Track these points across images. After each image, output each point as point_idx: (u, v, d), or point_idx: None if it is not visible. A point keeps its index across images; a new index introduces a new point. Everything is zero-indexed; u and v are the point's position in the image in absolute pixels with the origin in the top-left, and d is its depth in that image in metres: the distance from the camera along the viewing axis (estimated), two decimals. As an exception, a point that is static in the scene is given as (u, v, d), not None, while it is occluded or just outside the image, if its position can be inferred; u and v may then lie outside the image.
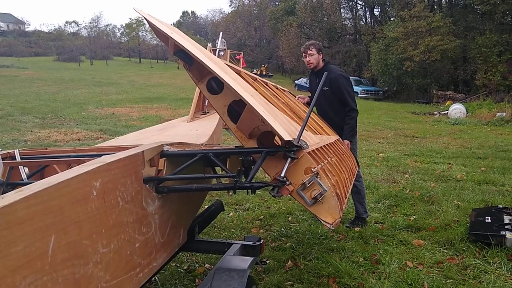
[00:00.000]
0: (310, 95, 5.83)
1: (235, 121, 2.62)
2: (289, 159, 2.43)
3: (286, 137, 2.33)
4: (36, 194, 1.57)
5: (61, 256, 1.66)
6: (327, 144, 3.45)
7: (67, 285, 1.68)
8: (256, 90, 3.44)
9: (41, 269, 1.56)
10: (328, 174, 2.66)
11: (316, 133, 3.94)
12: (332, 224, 2.41)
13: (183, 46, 2.34)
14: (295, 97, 5.42)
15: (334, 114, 5.38)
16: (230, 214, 5.91)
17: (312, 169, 2.43)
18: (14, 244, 1.44)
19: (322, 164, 2.73)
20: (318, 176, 2.43)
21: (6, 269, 1.41)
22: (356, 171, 4.67)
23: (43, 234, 1.58)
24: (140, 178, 2.28)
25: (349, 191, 3.44)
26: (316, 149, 2.85)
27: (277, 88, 4.58)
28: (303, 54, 5.45)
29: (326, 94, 5.32)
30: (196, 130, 4.00)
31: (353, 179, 3.99)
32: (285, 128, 2.56)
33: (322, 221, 2.47)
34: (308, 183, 2.42)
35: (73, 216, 1.75)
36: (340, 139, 4.99)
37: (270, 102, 3.42)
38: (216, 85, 2.63)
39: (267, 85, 4.23)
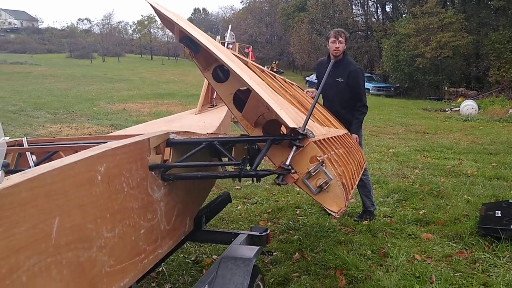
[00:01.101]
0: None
1: (241, 109, 2.62)
2: (294, 148, 2.43)
3: (291, 124, 2.33)
4: (40, 177, 1.58)
5: (65, 239, 1.68)
6: (334, 136, 3.43)
7: (70, 267, 1.70)
8: (263, 81, 3.43)
9: (45, 251, 1.57)
10: (334, 164, 2.65)
11: (324, 125, 3.93)
12: (337, 212, 2.41)
13: (189, 32, 2.35)
14: (304, 91, 5.40)
15: (341, 107, 5.32)
16: (239, 207, 5.92)
17: (318, 158, 2.43)
18: (17, 224, 1.46)
19: (329, 154, 2.72)
20: (324, 164, 2.42)
21: (9, 249, 1.43)
22: (365, 165, 4.65)
23: (47, 216, 1.59)
24: (146, 164, 2.29)
25: (356, 183, 3.42)
26: (322, 139, 2.84)
27: (285, 81, 4.56)
28: (333, 39, 5.19)
29: (339, 86, 5.25)
30: (203, 122, 4.02)
31: (361, 172, 3.96)
32: (291, 117, 2.55)
33: (327, 210, 2.46)
34: (314, 172, 2.41)
35: (77, 200, 1.76)
36: (349, 133, 4.96)
37: (277, 93, 3.41)
38: (222, 73, 2.64)
39: (274, 77, 4.22)
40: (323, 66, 5.49)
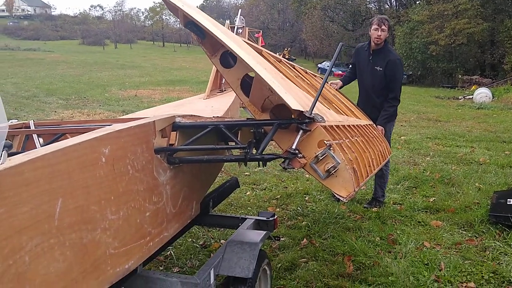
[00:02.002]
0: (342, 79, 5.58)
1: (248, 94, 2.60)
2: (301, 131, 2.40)
3: (294, 106, 2.29)
4: (43, 157, 1.58)
5: (69, 220, 1.68)
6: (352, 125, 3.37)
7: (74, 249, 1.70)
8: (279, 70, 3.40)
9: (48, 232, 1.58)
10: (345, 149, 2.60)
11: (342, 114, 3.87)
12: (346, 197, 2.37)
13: (192, 17, 2.32)
14: (328, 83, 5.32)
15: (376, 95, 5.23)
16: (247, 193, 5.92)
17: (325, 142, 2.39)
18: (20, 205, 1.46)
19: (340, 140, 2.68)
20: (332, 148, 2.38)
21: (12, 229, 1.43)
22: (389, 157, 4.57)
23: (50, 197, 1.59)
24: (151, 147, 2.28)
25: (374, 172, 3.35)
26: (334, 125, 2.80)
27: (306, 72, 4.50)
28: (375, 27, 5.07)
29: (377, 74, 5.15)
30: (211, 107, 4.00)
31: (382, 163, 3.87)
32: (302, 103, 2.52)
33: (336, 194, 2.44)
34: (321, 156, 2.38)
35: (81, 181, 1.76)
36: (374, 124, 4.87)
37: (291, 81, 3.37)
38: (229, 58, 2.62)
39: (294, 67, 4.18)
40: (362, 53, 5.38)
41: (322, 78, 5.01)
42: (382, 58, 5.13)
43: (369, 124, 4.45)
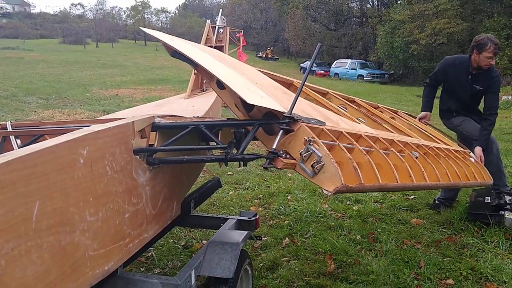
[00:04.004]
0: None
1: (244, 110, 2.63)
2: (281, 131, 2.40)
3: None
4: (20, 159, 1.56)
5: (46, 223, 1.66)
6: (385, 138, 3.14)
7: (52, 251, 1.68)
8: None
9: (25, 234, 1.56)
10: (344, 149, 2.48)
11: (356, 122, 3.61)
12: (331, 191, 2.27)
13: (183, 53, 2.44)
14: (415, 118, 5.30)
15: (469, 111, 5.17)
16: (230, 193, 5.91)
17: (306, 138, 2.35)
18: None
19: (343, 144, 2.56)
20: (312, 143, 2.33)
21: None
22: (480, 181, 4.13)
23: (27, 200, 1.57)
24: (130, 148, 2.26)
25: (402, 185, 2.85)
26: (345, 132, 2.71)
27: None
28: (489, 55, 4.76)
29: (475, 91, 4.99)
30: (192, 106, 3.98)
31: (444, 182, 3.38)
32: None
33: (324, 190, 2.35)
34: (305, 153, 2.34)
35: (59, 183, 1.74)
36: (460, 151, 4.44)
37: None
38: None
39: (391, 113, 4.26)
40: (459, 71, 5.07)
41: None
42: (484, 77, 4.94)
43: (445, 148, 4.12)
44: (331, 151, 2.35)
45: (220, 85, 2.66)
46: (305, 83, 2.78)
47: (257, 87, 2.70)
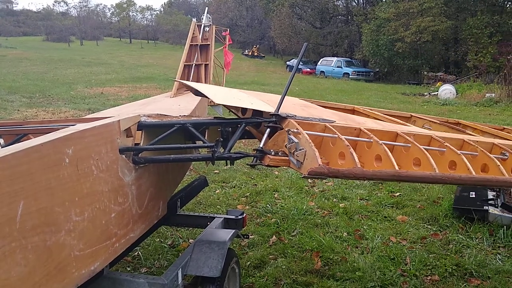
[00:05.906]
0: None
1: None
2: (267, 130, 2.40)
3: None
4: (4, 158, 1.54)
5: (31, 223, 1.64)
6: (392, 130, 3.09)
7: (37, 252, 1.67)
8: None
9: (9, 235, 1.54)
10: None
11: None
12: (305, 173, 2.11)
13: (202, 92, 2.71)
14: None
15: None
16: (217, 191, 5.90)
17: (287, 130, 2.31)
18: None
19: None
20: (291, 133, 2.29)
21: None
22: None
23: (11, 199, 1.55)
24: (116, 147, 2.24)
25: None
26: (351, 127, 2.67)
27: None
28: None
29: None
30: (178, 105, 3.96)
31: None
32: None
33: (301, 175, 2.29)
34: (289, 145, 2.31)
35: (44, 183, 1.72)
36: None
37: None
38: None
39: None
40: None
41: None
42: None
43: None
44: (333, 143, 2.36)
45: None
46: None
47: (258, 99, 2.73)
